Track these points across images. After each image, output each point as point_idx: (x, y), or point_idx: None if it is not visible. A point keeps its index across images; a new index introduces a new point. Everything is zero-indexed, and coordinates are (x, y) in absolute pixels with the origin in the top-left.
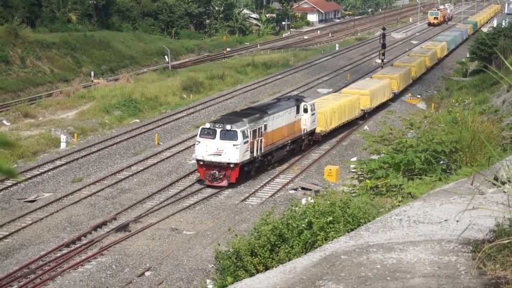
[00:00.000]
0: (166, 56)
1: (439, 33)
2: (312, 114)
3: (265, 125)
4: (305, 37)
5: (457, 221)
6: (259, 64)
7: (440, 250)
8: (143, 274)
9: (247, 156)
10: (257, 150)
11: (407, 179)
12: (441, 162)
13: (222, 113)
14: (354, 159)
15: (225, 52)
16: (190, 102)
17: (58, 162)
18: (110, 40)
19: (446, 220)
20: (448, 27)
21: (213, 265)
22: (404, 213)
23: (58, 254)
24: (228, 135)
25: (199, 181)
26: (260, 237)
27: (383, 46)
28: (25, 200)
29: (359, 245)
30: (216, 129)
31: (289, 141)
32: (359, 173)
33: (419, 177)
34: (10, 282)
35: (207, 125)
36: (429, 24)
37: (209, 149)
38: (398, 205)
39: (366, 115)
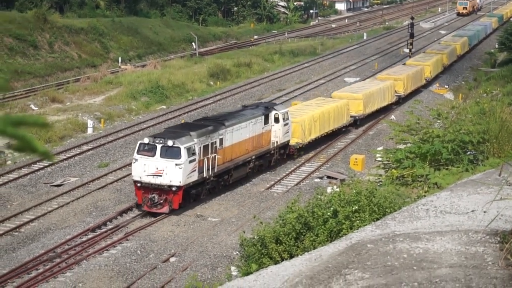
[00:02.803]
0: (193, 43)
1: (464, 26)
2: (285, 125)
3: (221, 139)
4: (333, 25)
5: (485, 211)
6: (286, 52)
7: (467, 241)
8: (168, 260)
9: (194, 177)
10: (208, 169)
11: (433, 170)
12: (468, 152)
13: (249, 101)
14: (380, 148)
15: (252, 39)
16: (217, 89)
17: (84, 147)
18: (138, 26)
19: (473, 211)
20: (476, 17)
21: (237, 252)
22: (431, 203)
23: (84, 239)
24: (170, 153)
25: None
26: (285, 225)
27: (411, 35)
28: (52, 184)
29: (386, 234)
30: (156, 145)
31: (254, 157)
32: (385, 162)
33: (446, 167)
34: (36, 265)
35: (146, 140)
36: (458, 14)
37: (147, 168)
38: (424, 196)
39: (358, 123)
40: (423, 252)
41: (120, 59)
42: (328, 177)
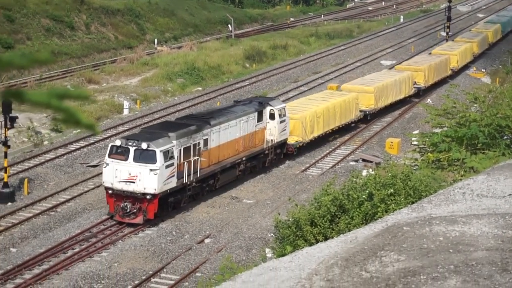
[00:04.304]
0: (229, 25)
1: (503, 9)
2: (282, 121)
3: (206, 140)
4: (370, 8)
5: None
6: (322, 35)
7: (504, 224)
8: (202, 241)
9: (172, 183)
10: (190, 174)
11: (470, 153)
12: (505, 137)
13: (284, 83)
14: (416, 132)
15: (288, 22)
16: (253, 71)
17: (120, 128)
18: (174, 8)
19: (510, 194)
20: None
21: (272, 234)
22: (467, 187)
23: None
24: (144, 157)
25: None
26: (320, 208)
27: (449, 19)
28: (88, 164)
29: (422, 217)
30: (129, 147)
31: (245, 158)
32: (421, 146)
33: (482, 151)
34: (72, 245)
35: (118, 142)
36: None
37: (119, 174)
38: (461, 179)
39: (368, 118)
40: (459, 235)
41: (156, 40)
42: (364, 160)
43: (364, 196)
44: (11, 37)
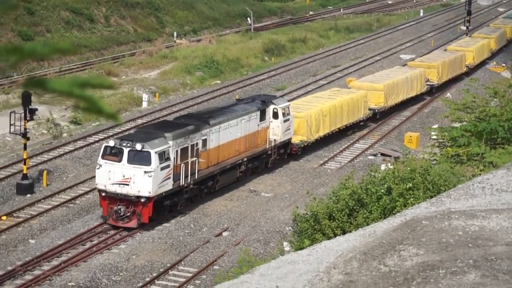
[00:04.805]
0: (248, 18)
1: None
2: (285, 121)
3: (204, 140)
4: (389, 1)
5: None
6: (342, 29)
7: None
8: (220, 234)
9: (168, 186)
10: (187, 176)
11: (489, 148)
12: None
13: (303, 77)
14: (435, 126)
15: (307, 15)
16: (272, 64)
17: (139, 121)
18: (194, 1)
19: None
20: None
21: (290, 227)
22: (487, 181)
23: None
24: (139, 158)
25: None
26: (339, 201)
27: (469, 13)
28: None
29: (441, 211)
30: (123, 148)
31: (246, 159)
32: (440, 140)
33: (502, 146)
34: (90, 237)
35: (111, 143)
36: None
37: (113, 176)
38: (480, 174)
39: (377, 116)
40: (478, 230)
41: (175, 33)
42: (382, 154)
43: (382, 190)
44: (31, 30)
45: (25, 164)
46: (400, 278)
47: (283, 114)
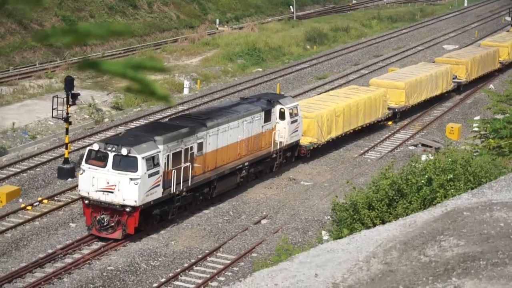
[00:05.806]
0: (291, 6)
1: None
2: (293, 122)
3: (200, 144)
4: None
5: None
6: (385, 18)
7: None
8: (259, 222)
9: (157, 194)
10: (179, 183)
11: None
12: None
13: (345, 66)
14: (477, 117)
15: (350, 4)
16: (313, 53)
17: (180, 108)
18: None
19: None
20: None
21: (329, 216)
22: None
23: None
24: (124, 164)
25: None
26: (378, 191)
27: None
28: None
29: (482, 202)
30: (108, 153)
31: (247, 163)
32: (482, 132)
33: None
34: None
35: (96, 146)
36: None
37: (96, 182)
38: None
39: (397, 116)
40: None
41: (217, 20)
42: (423, 145)
43: (423, 181)
44: (74, 15)
45: (66, 148)
46: (440, 268)
47: (291, 114)
